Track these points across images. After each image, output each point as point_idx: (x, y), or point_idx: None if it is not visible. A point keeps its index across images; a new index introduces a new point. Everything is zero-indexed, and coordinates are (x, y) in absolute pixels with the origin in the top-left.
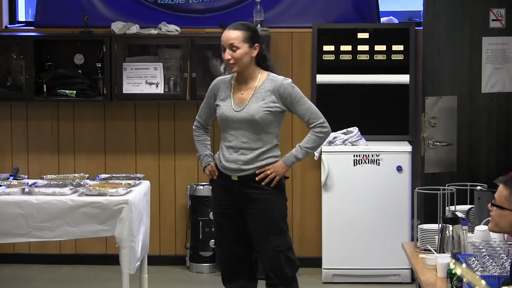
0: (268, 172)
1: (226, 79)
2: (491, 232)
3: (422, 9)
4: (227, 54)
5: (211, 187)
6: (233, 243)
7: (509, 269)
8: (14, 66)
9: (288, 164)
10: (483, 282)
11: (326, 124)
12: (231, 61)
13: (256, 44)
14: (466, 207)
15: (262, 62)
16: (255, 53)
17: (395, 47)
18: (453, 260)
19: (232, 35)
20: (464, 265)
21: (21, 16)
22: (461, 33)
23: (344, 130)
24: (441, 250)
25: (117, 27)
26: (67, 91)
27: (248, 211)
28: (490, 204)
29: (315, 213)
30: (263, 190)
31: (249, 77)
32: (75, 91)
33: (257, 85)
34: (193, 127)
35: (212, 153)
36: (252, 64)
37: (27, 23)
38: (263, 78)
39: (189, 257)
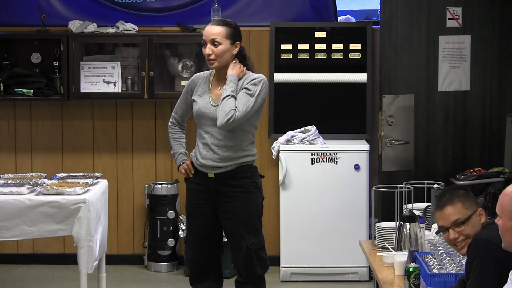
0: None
1: (205, 75)
2: None
3: (379, 8)
4: (208, 49)
5: (186, 185)
6: (204, 243)
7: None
8: None
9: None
10: None
11: (235, 115)
12: (211, 57)
13: (237, 42)
14: (423, 205)
15: (242, 61)
16: (235, 50)
17: (352, 46)
18: None
19: (215, 30)
20: None
21: None
22: (417, 32)
23: (302, 129)
24: (398, 248)
25: (75, 25)
26: (24, 90)
27: (224, 209)
28: (451, 228)
29: (273, 211)
30: (239, 188)
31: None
32: (32, 90)
33: None
34: (169, 123)
35: (186, 152)
36: (232, 61)
37: None
38: (241, 76)
39: (147, 256)
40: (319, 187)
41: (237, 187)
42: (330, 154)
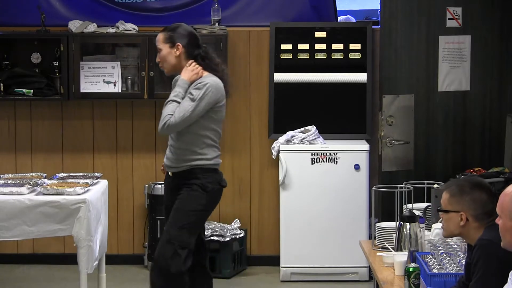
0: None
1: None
2: None
3: (379, 8)
4: (157, 58)
5: None
6: None
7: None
8: None
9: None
10: None
11: (170, 120)
12: (160, 64)
13: (177, 44)
14: (423, 205)
15: (201, 63)
16: (178, 52)
17: (352, 46)
18: None
19: (157, 39)
20: None
21: None
22: (417, 32)
23: (302, 129)
24: (398, 248)
25: (75, 25)
26: (24, 90)
27: None
28: (436, 210)
29: (273, 211)
30: (187, 186)
31: None
32: (32, 90)
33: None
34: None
35: None
36: (183, 64)
37: None
38: (193, 79)
39: (147, 256)
40: (319, 187)
41: (185, 185)
42: (330, 154)
